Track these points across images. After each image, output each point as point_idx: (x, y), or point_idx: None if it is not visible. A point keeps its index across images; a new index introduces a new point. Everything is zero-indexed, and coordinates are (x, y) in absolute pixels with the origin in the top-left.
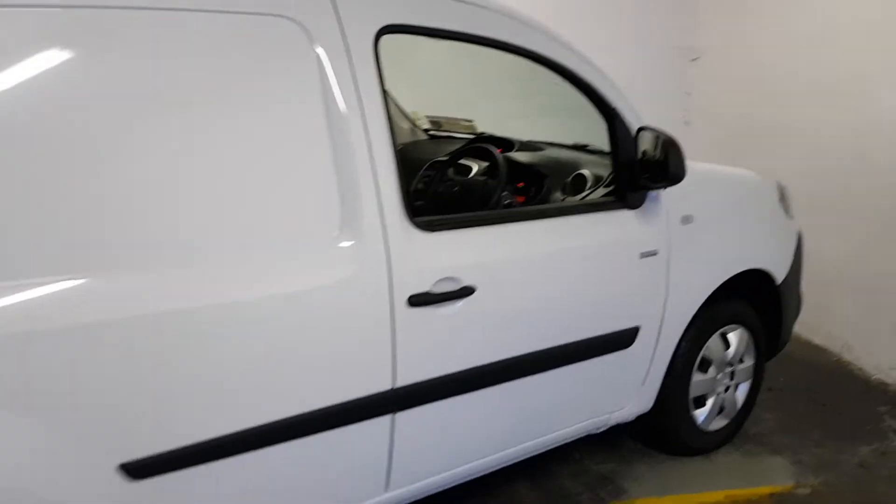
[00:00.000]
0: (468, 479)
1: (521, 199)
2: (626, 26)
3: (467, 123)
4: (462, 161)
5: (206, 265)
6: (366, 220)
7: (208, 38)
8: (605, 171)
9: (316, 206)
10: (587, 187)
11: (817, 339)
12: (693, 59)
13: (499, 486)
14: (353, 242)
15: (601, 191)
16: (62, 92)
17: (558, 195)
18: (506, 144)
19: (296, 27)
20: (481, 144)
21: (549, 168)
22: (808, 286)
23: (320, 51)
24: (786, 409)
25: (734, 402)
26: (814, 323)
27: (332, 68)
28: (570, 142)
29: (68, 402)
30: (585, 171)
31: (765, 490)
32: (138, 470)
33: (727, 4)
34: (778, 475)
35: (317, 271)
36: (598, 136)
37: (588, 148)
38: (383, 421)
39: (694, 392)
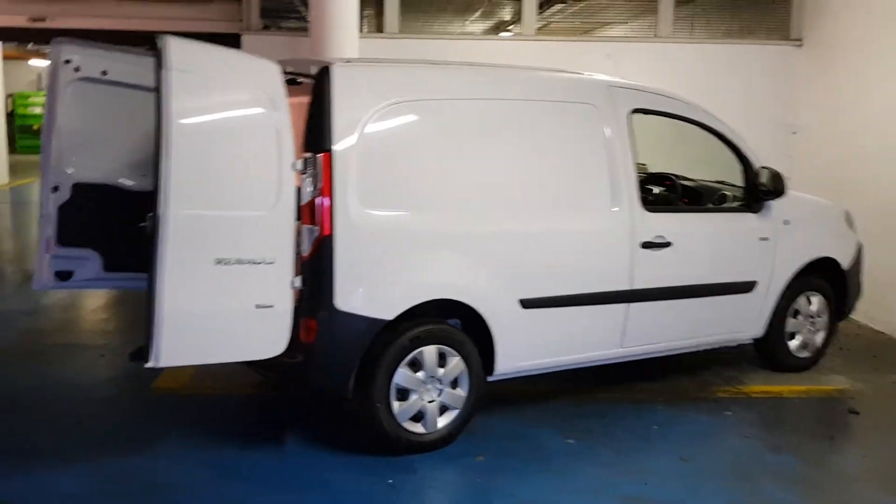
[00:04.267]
0: (662, 354)
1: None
2: (747, 108)
3: (642, 165)
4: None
5: (560, 214)
6: (624, 201)
7: (565, 112)
8: (733, 194)
9: (601, 191)
10: (726, 201)
11: (879, 327)
12: (793, 133)
13: (668, 377)
14: (617, 209)
15: (735, 203)
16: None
17: (710, 205)
18: (669, 178)
19: (595, 108)
20: (662, 174)
21: (702, 190)
22: (874, 289)
23: (604, 120)
24: (850, 358)
25: (814, 341)
26: (879, 316)
27: (609, 129)
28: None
29: (494, 263)
30: (727, 192)
31: (829, 387)
32: (526, 303)
33: (819, 91)
34: (839, 383)
35: (601, 221)
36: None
37: (723, 182)
38: (623, 306)
39: (788, 329)
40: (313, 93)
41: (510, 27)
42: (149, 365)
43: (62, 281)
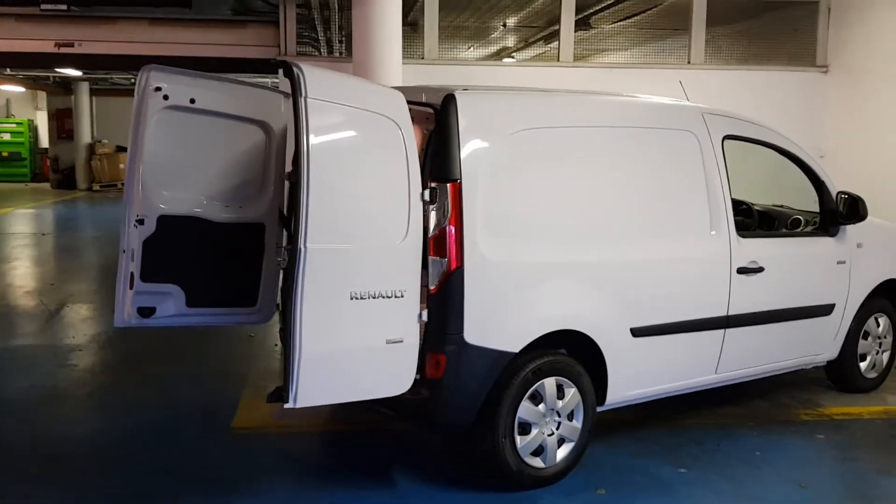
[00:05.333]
0: (749, 379)
1: None
2: None
3: None
4: None
5: (665, 241)
6: (723, 227)
7: (657, 138)
8: (806, 218)
9: (700, 216)
10: (801, 225)
11: None
12: (821, 157)
13: (745, 401)
14: (715, 233)
15: (809, 228)
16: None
17: (784, 230)
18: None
19: (693, 136)
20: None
21: (774, 215)
22: None
23: (701, 146)
24: None
25: (882, 362)
26: None
27: (705, 154)
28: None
29: (610, 291)
30: (799, 217)
31: None
32: (636, 332)
33: (846, 116)
34: None
35: (703, 248)
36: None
37: (782, 205)
38: (720, 332)
39: (860, 351)
40: (438, 121)
41: (513, 54)
42: (287, 406)
43: (144, 318)
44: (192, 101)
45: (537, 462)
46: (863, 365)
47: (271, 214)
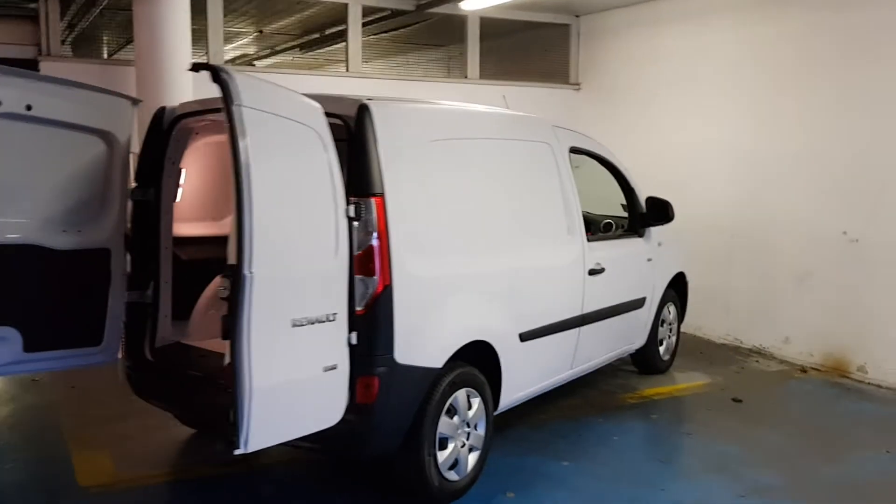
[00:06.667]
0: (592, 370)
1: None
2: None
3: None
4: None
5: (540, 247)
6: (576, 232)
7: (525, 150)
8: (616, 222)
9: (558, 223)
10: (613, 228)
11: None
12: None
13: (577, 392)
14: (570, 237)
15: (619, 230)
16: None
17: (599, 233)
18: None
19: (548, 147)
20: None
21: (590, 219)
22: None
23: (555, 155)
24: (686, 357)
25: (672, 345)
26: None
27: (559, 163)
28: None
29: (505, 300)
30: (611, 221)
31: (700, 383)
32: (523, 336)
33: (596, 129)
34: (701, 378)
35: (565, 251)
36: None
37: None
38: (577, 330)
39: (658, 336)
40: (353, 133)
41: (254, 62)
42: (238, 452)
43: None
44: (29, 107)
45: (453, 475)
46: (661, 349)
47: (116, 238)
